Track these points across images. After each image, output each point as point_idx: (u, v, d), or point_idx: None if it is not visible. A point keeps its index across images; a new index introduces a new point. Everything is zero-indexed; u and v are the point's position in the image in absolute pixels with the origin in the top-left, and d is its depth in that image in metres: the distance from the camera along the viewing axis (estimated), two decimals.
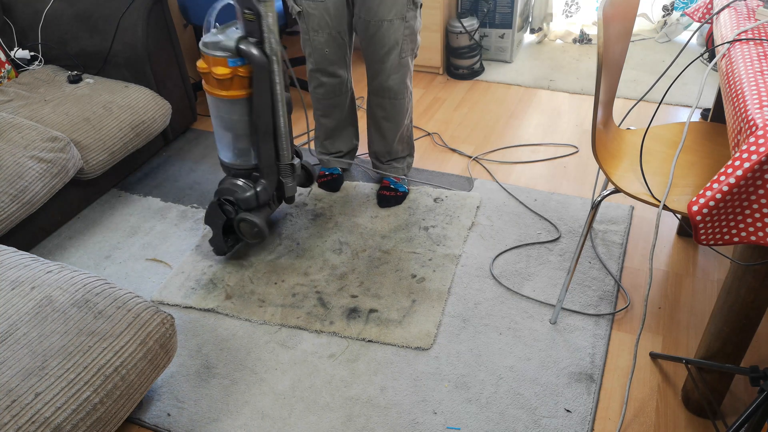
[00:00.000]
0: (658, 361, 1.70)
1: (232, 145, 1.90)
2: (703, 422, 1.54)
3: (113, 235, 2.26)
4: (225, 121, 1.85)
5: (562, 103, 2.92)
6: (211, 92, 1.82)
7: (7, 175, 1.97)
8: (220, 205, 1.93)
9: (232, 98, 1.79)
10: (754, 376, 1.25)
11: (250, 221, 1.93)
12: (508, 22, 3.17)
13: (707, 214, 1.11)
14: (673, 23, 3.35)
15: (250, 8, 1.66)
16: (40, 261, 1.55)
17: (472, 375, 1.67)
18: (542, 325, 1.80)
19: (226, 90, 1.78)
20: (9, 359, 1.30)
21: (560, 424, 1.55)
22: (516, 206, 2.26)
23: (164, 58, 2.58)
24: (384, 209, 2.27)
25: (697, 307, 1.84)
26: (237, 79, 1.77)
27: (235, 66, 1.74)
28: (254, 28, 1.70)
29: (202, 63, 1.78)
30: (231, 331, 1.85)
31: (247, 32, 1.72)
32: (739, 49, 1.31)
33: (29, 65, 2.59)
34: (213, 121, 1.90)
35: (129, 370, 1.40)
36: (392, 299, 1.91)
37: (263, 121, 1.82)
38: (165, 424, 1.60)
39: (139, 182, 2.54)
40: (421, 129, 2.78)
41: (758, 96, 1.13)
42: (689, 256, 2.02)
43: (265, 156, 1.89)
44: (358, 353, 1.76)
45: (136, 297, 1.50)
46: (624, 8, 1.47)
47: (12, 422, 1.21)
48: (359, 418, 1.58)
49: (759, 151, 1.04)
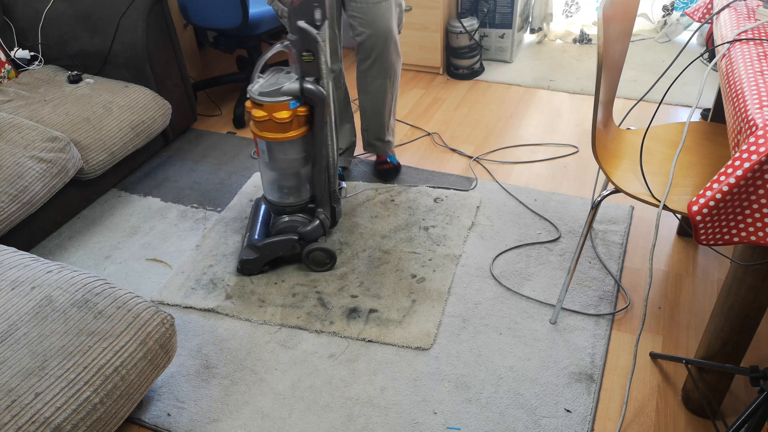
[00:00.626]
0: (658, 361, 1.70)
1: (285, 185, 1.96)
2: (703, 422, 1.54)
3: (113, 235, 2.26)
4: (281, 162, 1.90)
5: (562, 103, 2.92)
6: (268, 137, 1.85)
7: (7, 175, 1.97)
8: (288, 242, 1.98)
9: (291, 139, 1.85)
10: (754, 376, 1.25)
11: (326, 250, 1.99)
12: (508, 22, 3.17)
13: (707, 214, 1.11)
14: (673, 23, 3.35)
15: (309, 50, 1.76)
16: (40, 261, 1.55)
17: (472, 375, 1.67)
18: (542, 325, 1.80)
19: (285, 132, 1.84)
20: (9, 359, 1.30)
21: (560, 424, 1.55)
22: (516, 206, 2.26)
23: (164, 58, 2.58)
24: (385, 210, 2.27)
25: (697, 307, 1.84)
26: (296, 120, 1.83)
27: (295, 107, 1.81)
28: (311, 68, 1.79)
29: (260, 111, 1.81)
30: (231, 331, 1.85)
31: (304, 72, 1.80)
32: (739, 49, 1.31)
33: (29, 65, 2.59)
34: (265, 167, 1.94)
35: (129, 370, 1.40)
36: (392, 299, 1.91)
37: (322, 154, 1.89)
38: (165, 424, 1.60)
39: (139, 182, 2.54)
40: (421, 129, 2.78)
41: (758, 96, 1.13)
42: (689, 256, 2.02)
43: (321, 186, 1.96)
44: (358, 353, 1.76)
45: (136, 297, 1.50)
46: (624, 8, 1.47)
47: (12, 422, 1.21)
48: (359, 418, 1.58)
49: (759, 151, 1.04)
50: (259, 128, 1.85)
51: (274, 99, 1.79)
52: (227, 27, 2.64)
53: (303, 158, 1.92)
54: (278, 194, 1.98)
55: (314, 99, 1.80)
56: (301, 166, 1.93)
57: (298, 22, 1.71)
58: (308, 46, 1.75)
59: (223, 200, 2.41)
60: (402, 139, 2.71)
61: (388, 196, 2.35)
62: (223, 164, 2.62)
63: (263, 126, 1.83)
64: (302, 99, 1.82)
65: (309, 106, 1.84)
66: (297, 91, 1.79)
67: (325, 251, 1.99)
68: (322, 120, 1.83)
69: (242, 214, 2.32)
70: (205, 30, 2.86)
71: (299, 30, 1.72)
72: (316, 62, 1.78)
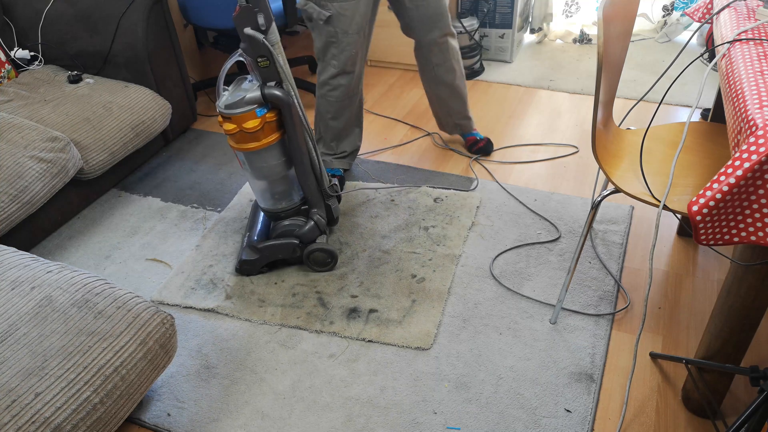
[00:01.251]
0: (658, 361, 1.70)
1: (274, 191, 1.95)
2: (703, 422, 1.54)
3: (113, 235, 2.26)
4: (263, 171, 1.89)
5: (562, 103, 2.92)
6: (244, 148, 1.84)
7: (7, 175, 1.97)
8: (288, 246, 1.98)
9: (266, 146, 1.84)
10: (754, 376, 1.25)
11: (326, 250, 1.99)
12: (508, 22, 3.17)
13: (707, 214, 1.11)
14: (673, 23, 3.35)
15: (263, 55, 1.73)
16: (40, 261, 1.55)
17: (472, 375, 1.67)
18: (542, 325, 1.80)
19: (258, 141, 1.83)
20: (9, 359, 1.30)
21: (560, 424, 1.55)
22: (516, 206, 2.26)
23: (164, 58, 2.58)
24: (385, 210, 2.27)
25: (697, 307, 1.84)
26: (267, 127, 1.82)
27: (263, 114, 1.80)
28: (269, 73, 1.77)
29: (229, 125, 1.80)
30: (231, 331, 1.85)
31: (264, 78, 1.79)
32: (739, 49, 1.31)
33: (29, 65, 2.59)
34: (249, 177, 1.93)
35: (129, 370, 1.40)
36: (392, 299, 1.91)
37: (301, 154, 1.88)
38: (165, 424, 1.60)
39: (139, 182, 2.54)
40: (421, 129, 2.78)
41: (758, 96, 1.13)
42: (689, 256, 2.02)
43: (310, 186, 1.95)
44: (358, 353, 1.76)
45: (136, 297, 1.50)
46: (624, 8, 1.47)
47: (12, 422, 1.21)
48: (359, 418, 1.58)
49: (759, 151, 1.04)
50: (234, 140, 1.84)
51: (241, 110, 1.77)
52: (227, 27, 2.64)
53: (284, 162, 1.90)
54: (270, 201, 1.97)
55: (279, 102, 1.78)
56: (284, 170, 1.91)
57: (245, 29, 1.69)
58: (260, 51, 1.73)
59: (223, 200, 2.41)
60: (402, 139, 2.72)
61: (388, 196, 2.35)
62: (223, 164, 2.62)
63: (236, 138, 1.82)
64: (268, 105, 1.80)
65: (277, 110, 1.83)
66: (260, 98, 1.77)
67: (326, 251, 1.99)
68: (293, 122, 1.81)
69: (242, 214, 2.32)
70: (205, 30, 2.86)
71: (247, 37, 1.70)
72: (272, 66, 1.76)
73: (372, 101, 3.03)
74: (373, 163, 2.55)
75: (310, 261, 2.01)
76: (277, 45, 1.76)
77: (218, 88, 1.83)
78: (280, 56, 1.77)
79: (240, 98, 1.77)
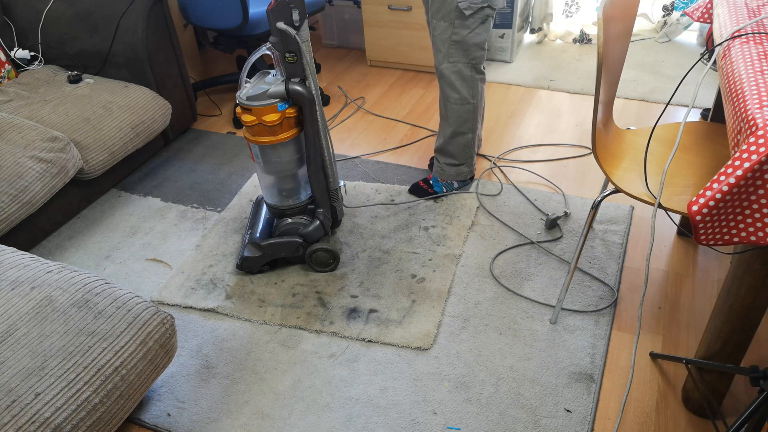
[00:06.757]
0: (658, 361, 1.70)
1: (282, 188, 1.95)
2: (703, 422, 1.54)
3: (113, 235, 2.26)
4: (275, 166, 1.90)
5: (562, 103, 2.92)
6: (260, 141, 1.84)
7: (7, 175, 1.97)
8: (291, 244, 1.98)
9: (283, 141, 1.84)
10: (754, 376, 1.24)
11: (329, 250, 1.99)
12: (508, 22, 3.17)
13: (707, 214, 1.11)
14: (673, 23, 3.35)
15: (291, 51, 1.74)
16: (40, 261, 1.55)
17: (472, 375, 1.67)
18: (542, 325, 1.80)
19: (276, 135, 1.83)
20: (9, 359, 1.30)
21: (560, 424, 1.55)
22: (516, 206, 2.26)
23: (164, 58, 2.58)
24: (385, 210, 2.27)
25: (697, 307, 1.84)
26: (285, 122, 1.83)
27: (284, 109, 1.81)
28: (295, 69, 1.78)
29: (249, 116, 1.81)
30: (231, 331, 1.85)
31: (289, 74, 1.79)
32: (739, 48, 1.31)
33: (29, 65, 2.59)
34: (261, 171, 1.93)
35: (129, 370, 1.40)
36: (392, 299, 1.91)
37: (315, 153, 1.88)
38: (165, 424, 1.60)
39: (139, 182, 2.54)
40: (421, 129, 2.78)
41: (758, 96, 1.13)
42: (689, 256, 2.02)
43: (319, 186, 1.95)
44: (358, 353, 1.76)
45: (136, 297, 1.50)
46: (624, 8, 1.47)
47: (12, 422, 1.21)
48: (359, 418, 1.58)
49: (759, 151, 1.04)
50: (251, 133, 1.84)
51: (262, 102, 1.78)
52: (227, 27, 2.63)
53: (297, 159, 1.91)
54: (277, 197, 1.98)
55: (301, 99, 1.79)
56: (296, 167, 1.92)
57: (277, 23, 1.70)
58: (290, 47, 1.74)
59: (223, 200, 2.41)
60: (402, 139, 2.72)
61: (388, 196, 2.35)
62: (223, 164, 2.62)
63: (254, 130, 1.83)
64: (290, 100, 1.81)
65: (298, 107, 1.84)
66: (283, 93, 1.78)
67: (329, 251, 1.99)
68: (312, 119, 1.82)
69: (242, 214, 2.32)
70: (205, 30, 2.86)
71: (279, 31, 1.71)
72: (299, 62, 1.77)
73: (372, 101, 3.03)
74: (373, 163, 2.55)
75: (312, 261, 2.01)
76: (307, 42, 1.77)
77: (241, 79, 1.84)
78: (307, 53, 1.78)
79: (263, 91, 1.78)
